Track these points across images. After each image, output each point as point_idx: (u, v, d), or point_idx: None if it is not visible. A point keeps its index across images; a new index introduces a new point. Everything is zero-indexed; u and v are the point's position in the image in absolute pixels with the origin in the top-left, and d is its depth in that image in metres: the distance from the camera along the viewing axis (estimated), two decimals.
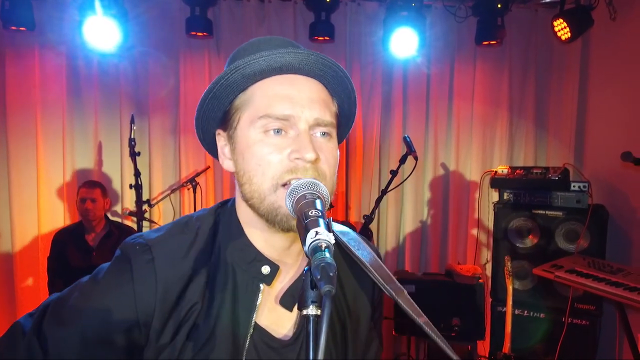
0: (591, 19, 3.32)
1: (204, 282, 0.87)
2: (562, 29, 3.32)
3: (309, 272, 0.62)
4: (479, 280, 3.14)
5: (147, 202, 3.36)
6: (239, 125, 0.87)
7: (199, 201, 3.54)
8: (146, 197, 3.47)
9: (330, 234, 0.64)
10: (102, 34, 3.09)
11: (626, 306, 2.46)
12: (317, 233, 0.63)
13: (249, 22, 3.68)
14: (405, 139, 3.01)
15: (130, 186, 3.15)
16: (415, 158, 2.94)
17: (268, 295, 0.91)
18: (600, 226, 2.99)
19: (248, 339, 0.86)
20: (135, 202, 3.14)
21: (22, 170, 3.58)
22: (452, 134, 3.95)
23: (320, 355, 0.55)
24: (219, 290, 0.87)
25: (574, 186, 3.14)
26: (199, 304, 0.85)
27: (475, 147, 3.94)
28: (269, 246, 0.91)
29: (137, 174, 3.07)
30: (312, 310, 0.61)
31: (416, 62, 3.81)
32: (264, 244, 0.91)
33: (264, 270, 0.89)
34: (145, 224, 3.34)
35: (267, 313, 0.91)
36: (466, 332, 3.11)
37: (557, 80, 3.89)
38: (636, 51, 3.12)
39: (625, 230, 3.18)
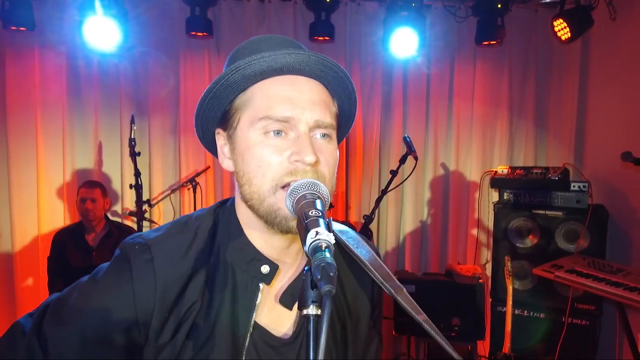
0: (591, 19, 3.32)
1: (203, 282, 0.87)
2: (562, 29, 3.33)
3: (309, 272, 0.62)
4: (479, 280, 3.13)
5: (147, 202, 3.36)
6: (238, 125, 0.87)
7: (199, 201, 3.54)
8: (146, 197, 3.48)
9: (331, 234, 0.64)
10: (102, 34, 3.09)
11: (626, 306, 2.46)
12: (317, 233, 0.63)
13: (249, 22, 3.68)
14: (405, 139, 3.01)
15: (131, 186, 3.16)
16: (415, 158, 2.94)
17: (267, 294, 0.91)
18: (600, 226, 2.99)
19: (248, 338, 0.86)
20: (136, 202, 3.14)
21: (22, 170, 3.58)
22: (452, 134, 3.95)
23: (321, 355, 0.55)
24: (219, 290, 0.87)
25: (574, 186, 3.14)
26: (198, 303, 0.85)
27: (475, 147, 3.93)
28: (268, 246, 0.91)
29: (137, 174, 3.07)
30: (313, 310, 0.61)
31: (416, 62, 3.81)
32: (263, 243, 0.91)
33: (263, 269, 0.89)
34: (145, 224, 3.33)
35: (266, 312, 0.91)
36: (466, 332, 3.10)
37: (557, 80, 3.88)
38: (636, 51, 3.12)
39: (625, 230, 3.18)
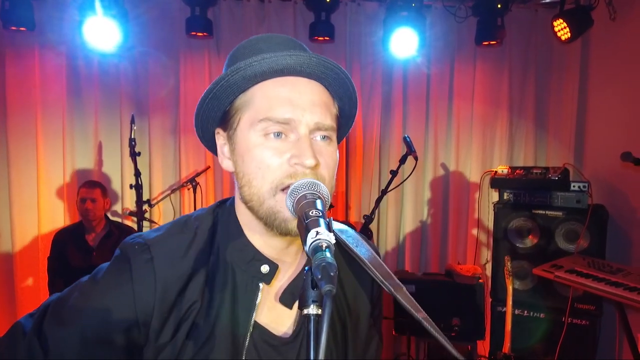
0: (591, 19, 3.32)
1: (203, 282, 0.87)
2: (562, 29, 3.33)
3: (310, 272, 0.62)
4: (479, 280, 3.13)
5: (147, 202, 3.36)
6: (239, 126, 0.87)
7: (199, 201, 3.54)
8: (146, 197, 3.48)
9: (331, 234, 0.65)
10: (103, 34, 3.09)
11: (626, 306, 2.46)
12: (317, 233, 0.64)
13: (249, 22, 3.68)
14: (405, 139, 3.01)
15: (131, 186, 3.15)
16: (415, 158, 2.94)
17: (267, 293, 0.91)
18: (600, 226, 2.99)
19: (248, 338, 0.86)
20: (136, 202, 3.14)
21: (22, 170, 3.59)
22: (452, 134, 3.95)
23: (321, 355, 0.55)
24: (219, 290, 0.87)
25: (574, 186, 3.14)
26: (198, 303, 0.85)
27: (475, 147, 3.93)
28: (267, 246, 0.91)
29: (138, 174, 3.07)
30: (313, 310, 0.61)
31: (416, 62, 3.81)
32: (262, 243, 0.91)
33: (263, 269, 0.89)
34: (146, 224, 3.33)
35: (266, 311, 0.91)
36: (466, 332, 3.10)
37: (557, 80, 3.88)
38: (636, 51, 3.12)
39: (625, 230, 3.18)
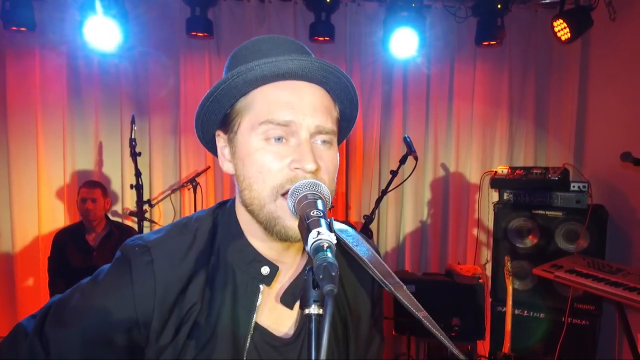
0: (591, 20, 3.32)
1: (203, 283, 0.87)
2: (562, 29, 3.33)
3: (311, 272, 0.62)
4: (479, 280, 3.14)
5: (148, 202, 3.36)
6: (239, 129, 0.87)
7: (199, 201, 3.55)
8: (147, 197, 3.48)
9: (332, 234, 0.65)
10: (103, 34, 3.10)
11: (626, 306, 2.46)
12: (319, 233, 0.64)
13: (249, 23, 3.68)
14: (405, 139, 3.02)
15: (131, 186, 3.15)
16: (416, 158, 2.95)
17: (268, 295, 0.91)
18: (599, 226, 2.99)
19: (249, 340, 0.86)
20: (136, 202, 3.14)
21: (22, 170, 3.59)
22: (452, 134, 3.95)
23: (323, 355, 0.56)
24: (219, 291, 0.87)
25: (574, 186, 3.14)
26: (199, 304, 0.86)
27: (475, 147, 3.94)
28: (267, 248, 0.91)
29: (138, 174, 3.07)
30: (314, 310, 0.61)
31: (416, 62, 3.81)
32: (262, 245, 0.91)
33: (263, 270, 0.89)
34: (146, 224, 3.34)
35: (267, 313, 0.91)
36: (466, 332, 3.10)
37: (557, 80, 3.89)
38: (636, 51, 3.12)
39: (625, 230, 3.19)
